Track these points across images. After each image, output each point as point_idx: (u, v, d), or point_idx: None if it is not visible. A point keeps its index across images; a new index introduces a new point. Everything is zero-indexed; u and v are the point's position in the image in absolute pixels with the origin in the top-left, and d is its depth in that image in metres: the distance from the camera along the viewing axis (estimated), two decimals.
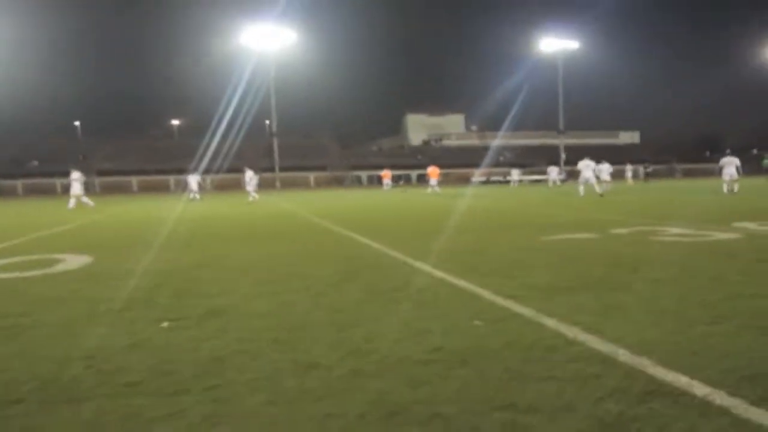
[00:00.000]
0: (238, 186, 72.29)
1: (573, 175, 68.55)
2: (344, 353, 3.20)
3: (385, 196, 32.68)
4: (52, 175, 72.55)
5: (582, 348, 3.18)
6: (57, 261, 7.24)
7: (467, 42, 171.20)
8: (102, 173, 73.81)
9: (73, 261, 7.21)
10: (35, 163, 74.74)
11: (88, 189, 69.56)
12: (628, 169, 47.03)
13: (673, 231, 9.00)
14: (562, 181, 63.48)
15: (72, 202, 24.63)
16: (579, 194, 23.56)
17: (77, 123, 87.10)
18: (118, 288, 5.32)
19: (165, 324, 3.99)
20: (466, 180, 72.85)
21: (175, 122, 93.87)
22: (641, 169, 49.62)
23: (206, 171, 57.69)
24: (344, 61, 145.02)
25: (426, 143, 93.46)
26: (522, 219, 13.01)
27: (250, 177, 30.05)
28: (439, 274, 5.65)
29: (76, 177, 25.58)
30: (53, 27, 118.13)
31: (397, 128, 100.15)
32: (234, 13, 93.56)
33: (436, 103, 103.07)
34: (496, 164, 78.49)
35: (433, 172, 34.67)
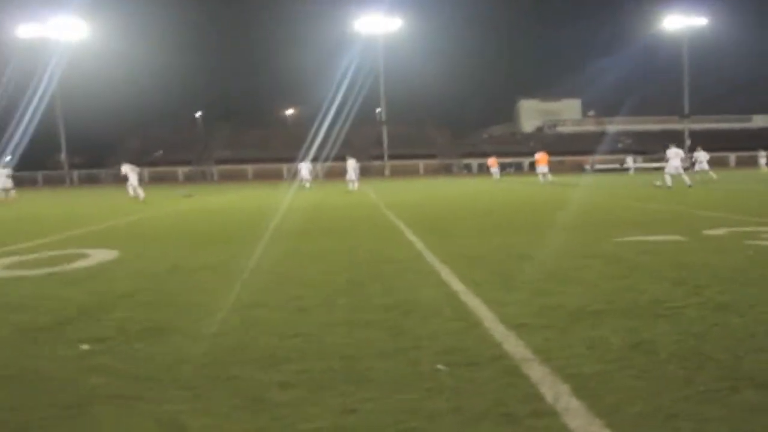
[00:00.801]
0: (343, 174, 73.06)
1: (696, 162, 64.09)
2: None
3: (486, 185, 31.38)
4: (175, 164, 76.64)
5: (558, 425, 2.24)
6: (80, 257, 6.96)
7: (584, 22, 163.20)
8: (220, 162, 76.88)
9: (96, 258, 6.89)
10: (160, 152, 78.99)
11: (205, 178, 73.02)
12: (762, 155, 42.73)
13: None
14: (685, 169, 59.25)
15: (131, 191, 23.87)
16: (666, 185, 21.29)
17: (198, 114, 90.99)
18: (96, 293, 4.84)
19: (85, 346, 3.40)
20: (580, 168, 69.61)
21: (289, 111, 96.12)
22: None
23: (314, 159, 58.54)
24: (454, 47, 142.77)
25: (539, 130, 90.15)
26: (604, 214, 11.67)
27: (352, 166, 29.73)
28: (456, 286, 4.75)
29: (127, 169, 24.66)
30: (175, 21, 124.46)
31: (509, 115, 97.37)
32: (345, 1, 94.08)
33: (550, 88, 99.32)
34: (614, 151, 74.40)
35: (541, 158, 32.72)
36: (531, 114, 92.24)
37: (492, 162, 43.93)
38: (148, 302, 4.56)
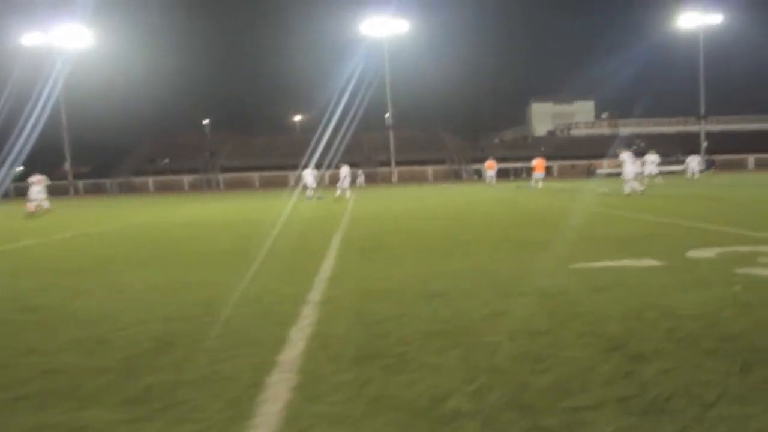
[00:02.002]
0: (353, 180, 71.78)
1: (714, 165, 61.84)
2: None
3: (484, 193, 29.81)
4: (180, 172, 75.88)
5: None
6: None
7: (596, 22, 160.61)
8: (225, 170, 75.99)
9: None
10: (166, 160, 78.29)
11: (210, 186, 72.06)
12: None
13: None
14: (701, 171, 57.08)
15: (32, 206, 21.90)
16: (635, 191, 19.76)
17: (206, 121, 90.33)
18: None
19: None
20: (589, 172, 67.81)
21: (298, 118, 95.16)
22: None
23: (318, 166, 57.17)
24: (464, 50, 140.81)
25: (552, 133, 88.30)
26: (580, 228, 10.16)
27: (344, 174, 28.27)
28: (288, 353, 3.32)
29: (32, 180, 22.88)
30: (181, 29, 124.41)
31: (521, 118, 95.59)
32: (350, 5, 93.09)
33: (563, 90, 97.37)
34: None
35: (538, 165, 30.93)
36: (543, 117, 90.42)
37: (490, 165, 41.56)
38: None
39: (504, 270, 6.03)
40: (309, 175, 29.18)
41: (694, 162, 37.96)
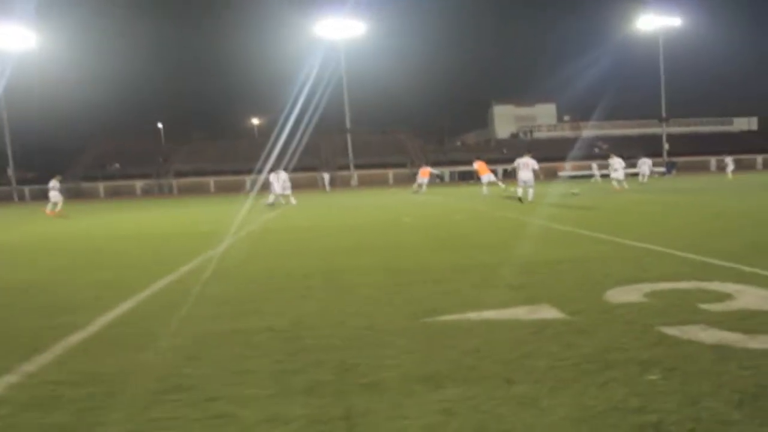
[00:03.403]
0: (312, 184, 69.93)
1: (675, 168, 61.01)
2: None
3: (421, 199, 27.97)
4: (132, 177, 72.96)
5: None
6: None
7: (557, 24, 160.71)
8: (179, 174, 73.27)
9: None
10: (116, 165, 75.24)
11: (162, 191, 69.31)
12: (729, 161, 39.90)
13: (746, 302, 4.30)
14: (663, 174, 56.13)
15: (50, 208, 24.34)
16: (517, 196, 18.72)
17: (160, 125, 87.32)
18: None
19: None
20: (554, 175, 66.78)
21: (255, 121, 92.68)
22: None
23: (272, 170, 54.85)
24: (425, 53, 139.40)
25: (514, 136, 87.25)
26: (496, 248, 8.35)
27: (283, 178, 25.75)
28: None
29: (53, 185, 25.13)
30: (133, 31, 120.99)
31: (483, 121, 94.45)
32: (304, 6, 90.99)
33: (525, 92, 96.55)
34: (589, 157, 71.60)
35: (480, 168, 28.70)
36: (506, 120, 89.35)
37: (423, 172, 37.61)
38: None
39: (349, 321, 4.17)
40: (275, 180, 26.23)
41: (644, 165, 36.66)
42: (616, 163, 27.80)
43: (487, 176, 27.57)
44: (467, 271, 6.25)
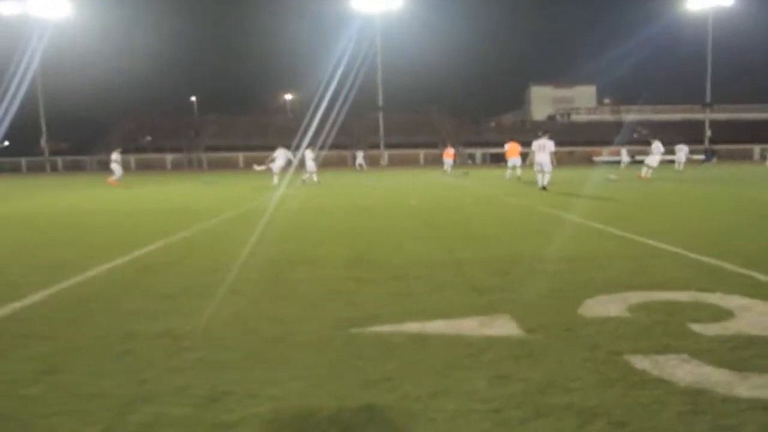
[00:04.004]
0: (343, 162, 69.48)
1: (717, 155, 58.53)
2: None
3: (447, 181, 27.05)
4: (163, 150, 73.28)
5: None
6: None
7: (600, 3, 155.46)
8: (210, 149, 73.36)
9: None
10: (148, 138, 75.59)
11: (192, 165, 69.50)
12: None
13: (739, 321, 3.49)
14: (703, 162, 53.89)
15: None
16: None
17: (193, 98, 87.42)
18: None
19: None
20: (589, 160, 65.15)
21: (288, 97, 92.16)
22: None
23: (307, 147, 54.39)
24: (462, 31, 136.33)
25: (551, 118, 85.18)
26: (483, 241, 7.55)
27: (310, 157, 25.05)
28: None
29: (115, 158, 26.71)
30: (169, 5, 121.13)
31: (519, 102, 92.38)
32: None
33: (563, 73, 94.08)
34: (629, 142, 69.54)
35: (511, 149, 27.34)
36: (543, 101, 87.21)
37: (447, 153, 37.23)
38: None
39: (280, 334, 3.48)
40: (309, 157, 25.69)
41: (681, 152, 34.91)
42: (655, 149, 26.07)
43: (513, 160, 26.38)
44: (439, 267, 5.50)
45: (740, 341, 3.21)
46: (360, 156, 57.51)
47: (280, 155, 24.25)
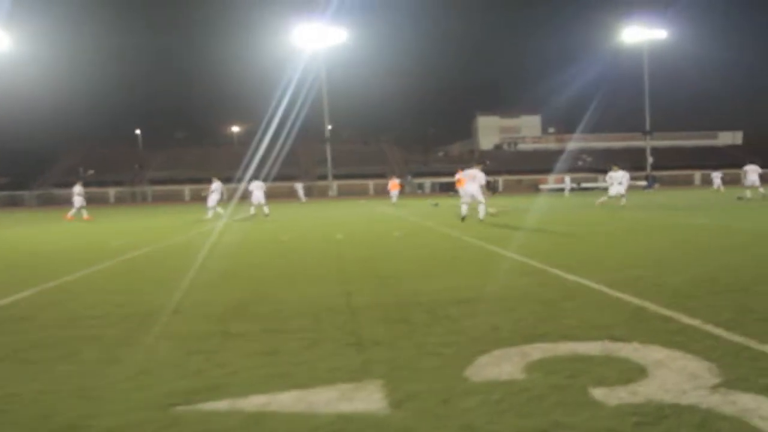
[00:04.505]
0: (289, 195, 68.61)
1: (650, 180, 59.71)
2: None
3: (368, 212, 26.51)
4: (106, 184, 71.12)
5: None
6: None
7: (542, 35, 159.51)
8: (154, 182, 71.57)
9: None
10: (91, 172, 73.31)
11: (135, 199, 67.54)
12: (717, 176, 38.62)
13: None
14: (643, 188, 54.83)
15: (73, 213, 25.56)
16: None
17: (138, 131, 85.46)
18: None
19: None
20: (535, 188, 65.83)
21: (235, 129, 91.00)
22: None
23: (253, 178, 53.36)
24: (407, 61, 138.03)
25: (498, 147, 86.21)
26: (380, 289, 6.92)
27: (259, 187, 23.97)
28: None
29: (78, 191, 26.16)
30: (108, 36, 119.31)
31: (467, 132, 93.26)
32: (285, 13, 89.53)
33: (509, 104, 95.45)
34: (573, 169, 70.68)
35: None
36: (490, 131, 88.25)
37: (393, 185, 36.81)
38: None
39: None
40: (257, 189, 24.60)
41: (616, 179, 35.25)
42: (621, 176, 25.47)
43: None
44: (327, 315, 4.79)
45: (648, 413, 2.58)
46: (300, 188, 56.63)
47: (216, 188, 23.37)
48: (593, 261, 7.70)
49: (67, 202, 66.33)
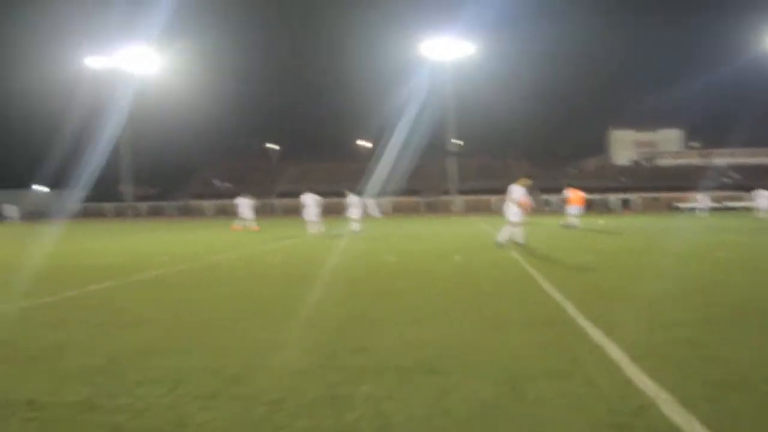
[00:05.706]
0: (414, 209, 68.96)
1: None
2: None
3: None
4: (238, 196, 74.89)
5: None
6: None
7: (685, 41, 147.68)
8: (282, 195, 74.38)
9: None
10: (227, 183, 77.56)
11: (264, 211, 70.52)
12: None
13: None
14: None
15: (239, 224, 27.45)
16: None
17: (273, 146, 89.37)
18: None
19: None
20: (669, 207, 61.59)
21: (363, 144, 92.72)
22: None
23: (372, 194, 54.00)
24: (535, 74, 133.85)
25: (635, 163, 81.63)
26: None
27: (309, 203, 24.28)
28: None
29: (241, 202, 27.95)
30: (249, 56, 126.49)
31: (599, 147, 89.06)
32: (414, 27, 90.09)
33: (646, 117, 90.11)
34: (719, 188, 65.30)
35: (574, 197, 25.38)
36: (624, 145, 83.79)
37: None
38: None
39: None
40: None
41: (762, 198, 31.78)
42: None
43: (575, 208, 24.60)
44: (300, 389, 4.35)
45: None
46: (373, 204, 55.02)
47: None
48: (622, 315, 6.65)
49: (201, 213, 70.36)
